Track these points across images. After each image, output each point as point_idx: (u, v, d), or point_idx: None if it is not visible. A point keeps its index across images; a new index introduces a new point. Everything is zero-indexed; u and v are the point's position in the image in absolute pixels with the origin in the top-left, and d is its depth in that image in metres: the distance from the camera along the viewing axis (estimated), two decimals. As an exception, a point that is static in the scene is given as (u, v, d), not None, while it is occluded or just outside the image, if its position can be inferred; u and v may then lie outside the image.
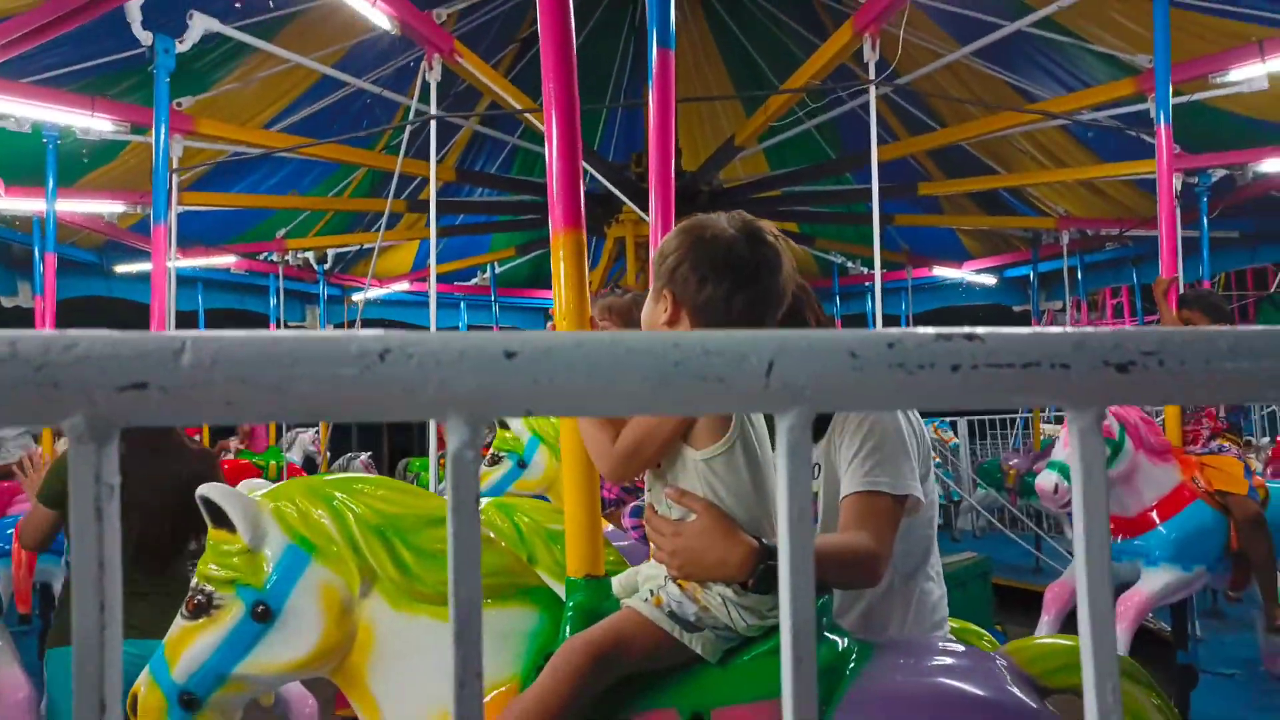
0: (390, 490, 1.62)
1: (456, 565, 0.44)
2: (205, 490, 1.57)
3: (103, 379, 0.42)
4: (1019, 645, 1.52)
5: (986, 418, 13.06)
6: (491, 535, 1.66)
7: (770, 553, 1.36)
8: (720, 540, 1.37)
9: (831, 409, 0.49)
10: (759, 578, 1.37)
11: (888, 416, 1.66)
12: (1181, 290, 4.42)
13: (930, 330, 0.49)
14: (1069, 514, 9.12)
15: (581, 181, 1.63)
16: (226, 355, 0.43)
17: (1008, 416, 13.12)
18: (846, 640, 1.47)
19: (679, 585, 1.43)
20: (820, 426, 1.71)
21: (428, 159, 5.49)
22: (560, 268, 1.61)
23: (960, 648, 1.54)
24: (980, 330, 0.50)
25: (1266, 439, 6.64)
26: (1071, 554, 5.35)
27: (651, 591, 1.45)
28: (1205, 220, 6.87)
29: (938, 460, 9.87)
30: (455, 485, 0.45)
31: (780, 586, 0.48)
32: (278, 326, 9.75)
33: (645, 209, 2.44)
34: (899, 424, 1.67)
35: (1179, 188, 5.85)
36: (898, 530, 1.58)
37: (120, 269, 8.91)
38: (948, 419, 12.27)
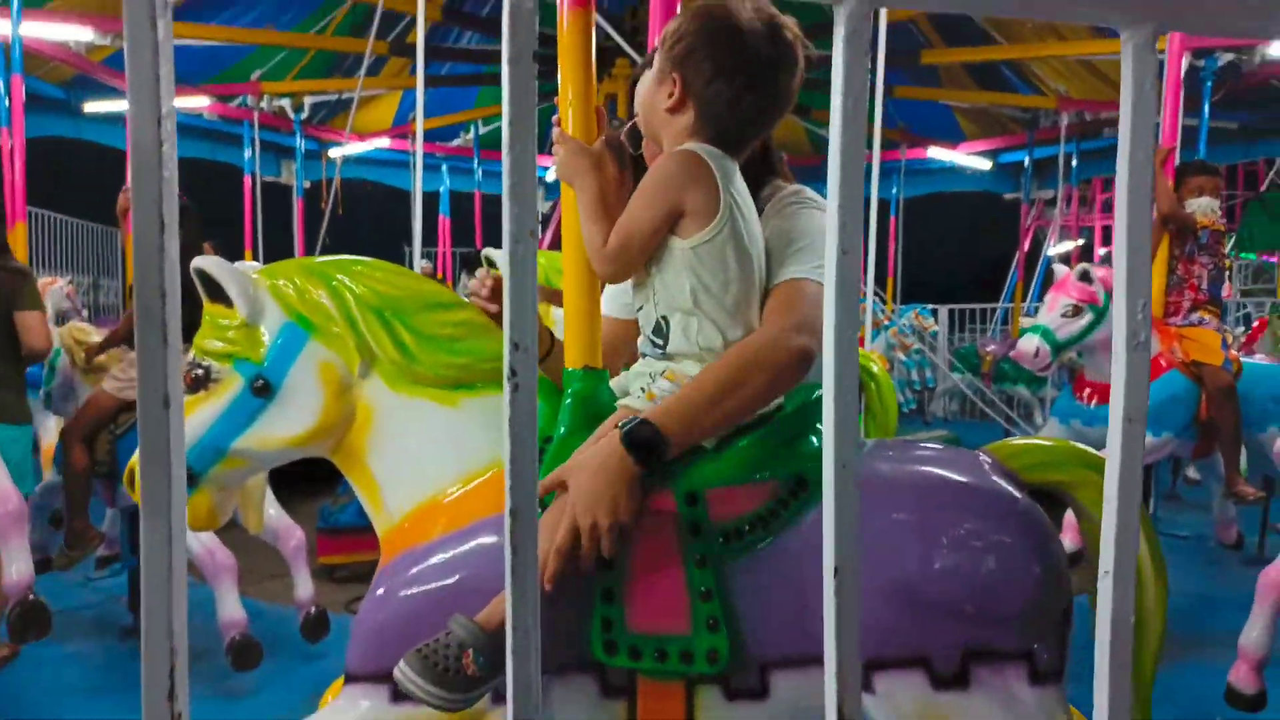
0: (389, 273, 1.61)
1: (512, 115, 0.44)
2: (200, 262, 1.56)
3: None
4: (998, 445, 1.57)
5: (968, 308, 13.17)
6: (494, 324, 1.66)
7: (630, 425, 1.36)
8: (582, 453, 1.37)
9: (889, 2, 0.48)
10: (632, 448, 1.34)
11: (822, 218, 1.54)
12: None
13: (1003, -75, 0.48)
14: (1041, 400, 9.34)
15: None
16: None
17: (988, 307, 13.23)
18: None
19: (668, 378, 1.44)
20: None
21: (415, -6, 5.24)
22: (567, 53, 1.56)
23: (941, 446, 1.58)
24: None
25: (1241, 329, 6.79)
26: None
27: (643, 389, 1.46)
28: (1207, 106, 6.78)
29: (916, 347, 10.02)
30: (512, 36, 0.44)
31: (830, 178, 0.48)
32: (253, 180, 9.50)
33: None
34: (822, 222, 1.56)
35: (1185, 68, 5.73)
36: None
37: (90, 107, 8.55)
38: (929, 306, 12.37)
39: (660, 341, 1.46)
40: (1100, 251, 11.53)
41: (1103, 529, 0.54)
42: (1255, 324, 6.26)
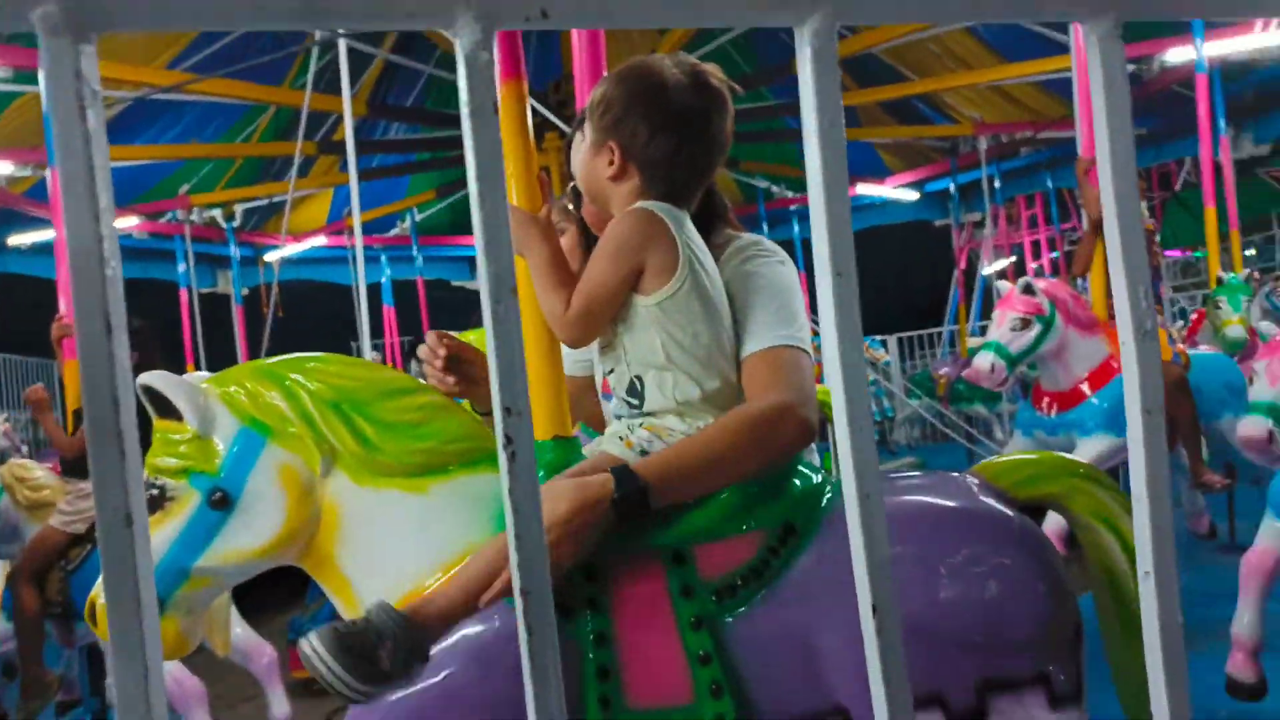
0: (343, 365, 1.57)
1: (479, 169, 0.41)
2: (147, 378, 1.50)
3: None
4: (984, 465, 1.56)
5: (915, 334, 13.39)
6: (456, 403, 1.62)
7: (624, 476, 1.31)
8: (567, 482, 1.31)
9: (853, 18, 0.47)
10: (620, 501, 1.29)
11: (786, 272, 1.53)
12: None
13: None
14: (998, 415, 9.47)
15: (519, 33, 1.57)
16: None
17: (934, 332, 13.48)
18: (819, 475, 1.49)
19: (646, 429, 1.41)
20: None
21: (338, 93, 5.28)
22: (504, 125, 1.55)
23: (925, 473, 1.57)
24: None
25: (1180, 323, 6.98)
26: (998, 454, 5.55)
27: (621, 437, 1.43)
28: (1114, 116, 7.07)
29: (872, 378, 10.15)
30: (471, 89, 0.42)
31: (812, 202, 0.47)
32: (189, 294, 9.35)
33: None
34: (795, 279, 1.52)
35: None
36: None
37: (14, 240, 8.39)
38: (879, 338, 12.53)
39: (636, 401, 1.43)
40: (1032, 265, 11.83)
41: (1136, 529, 0.52)
42: (1193, 316, 6.44)
